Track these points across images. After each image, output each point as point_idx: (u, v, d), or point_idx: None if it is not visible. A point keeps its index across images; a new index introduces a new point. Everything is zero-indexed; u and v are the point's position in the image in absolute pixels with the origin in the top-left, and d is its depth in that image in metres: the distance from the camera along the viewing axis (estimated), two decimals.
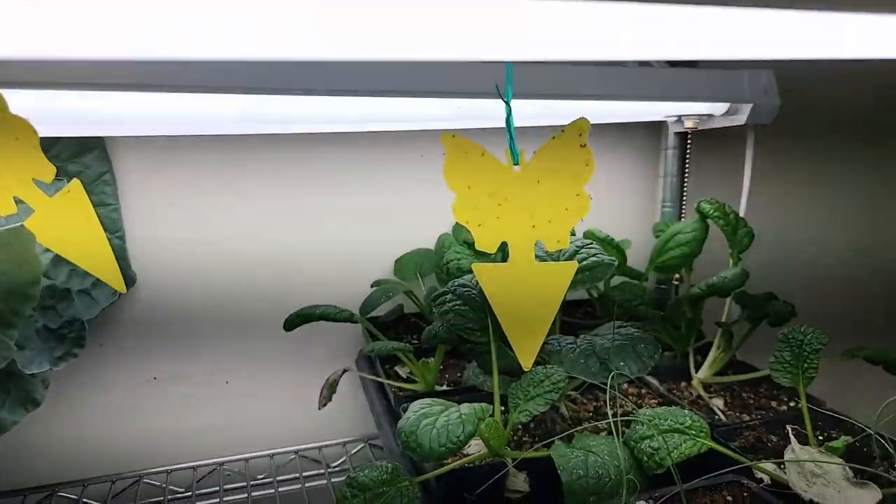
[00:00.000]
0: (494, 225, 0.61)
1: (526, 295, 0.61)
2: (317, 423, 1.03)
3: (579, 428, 0.64)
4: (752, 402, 0.79)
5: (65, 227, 0.58)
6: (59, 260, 0.80)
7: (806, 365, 0.57)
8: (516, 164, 0.61)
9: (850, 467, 0.52)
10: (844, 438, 0.55)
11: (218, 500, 0.89)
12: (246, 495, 0.91)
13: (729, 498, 0.51)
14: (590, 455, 0.54)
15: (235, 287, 0.98)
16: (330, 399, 0.83)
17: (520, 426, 0.72)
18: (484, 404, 0.56)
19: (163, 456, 0.96)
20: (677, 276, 1.09)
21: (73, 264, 0.82)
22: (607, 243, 0.92)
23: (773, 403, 0.79)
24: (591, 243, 0.79)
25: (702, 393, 0.81)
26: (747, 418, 0.74)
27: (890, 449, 0.52)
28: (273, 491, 0.92)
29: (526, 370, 0.64)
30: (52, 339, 0.79)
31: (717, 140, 1.10)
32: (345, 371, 0.82)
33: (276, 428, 1.02)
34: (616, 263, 0.78)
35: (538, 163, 0.60)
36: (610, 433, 0.62)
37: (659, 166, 1.11)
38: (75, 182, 0.56)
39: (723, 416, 0.76)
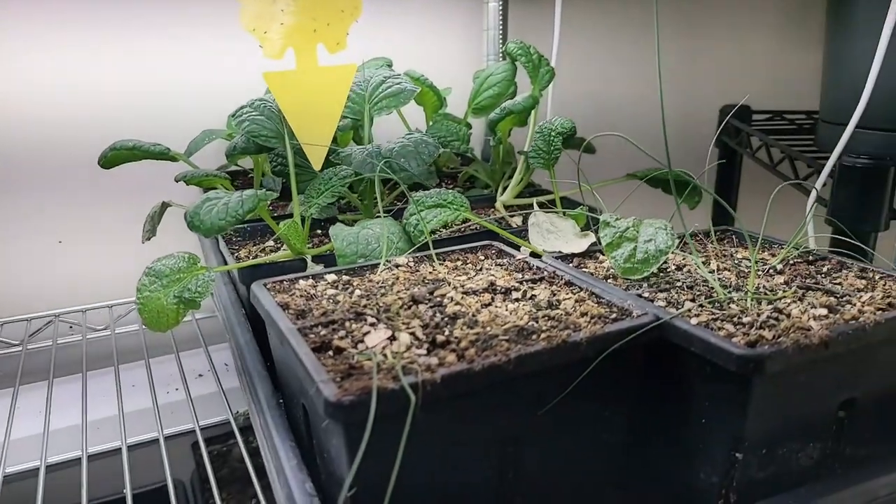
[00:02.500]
0: (279, 31, 0.65)
1: (313, 98, 0.66)
2: None
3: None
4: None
5: None
6: None
7: (552, 148, 0.65)
8: None
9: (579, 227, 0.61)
10: (582, 208, 0.64)
11: (50, 351, 0.92)
12: (81, 338, 0.94)
13: (481, 257, 0.59)
14: (363, 230, 0.61)
15: (61, 145, 0.97)
16: (154, 233, 0.86)
17: (328, 241, 0.78)
18: (267, 191, 0.61)
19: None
20: None
21: None
22: (421, 81, 0.97)
23: None
24: (399, 75, 0.85)
25: (503, 213, 0.90)
26: None
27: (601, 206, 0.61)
28: (110, 334, 0.95)
29: (317, 170, 0.70)
30: None
31: None
32: (165, 204, 0.85)
33: (114, 282, 1.04)
34: (418, 90, 0.84)
35: None
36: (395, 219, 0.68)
37: (482, 20, 1.17)
38: None
39: None
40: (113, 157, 0.80)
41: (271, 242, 0.78)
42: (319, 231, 0.80)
